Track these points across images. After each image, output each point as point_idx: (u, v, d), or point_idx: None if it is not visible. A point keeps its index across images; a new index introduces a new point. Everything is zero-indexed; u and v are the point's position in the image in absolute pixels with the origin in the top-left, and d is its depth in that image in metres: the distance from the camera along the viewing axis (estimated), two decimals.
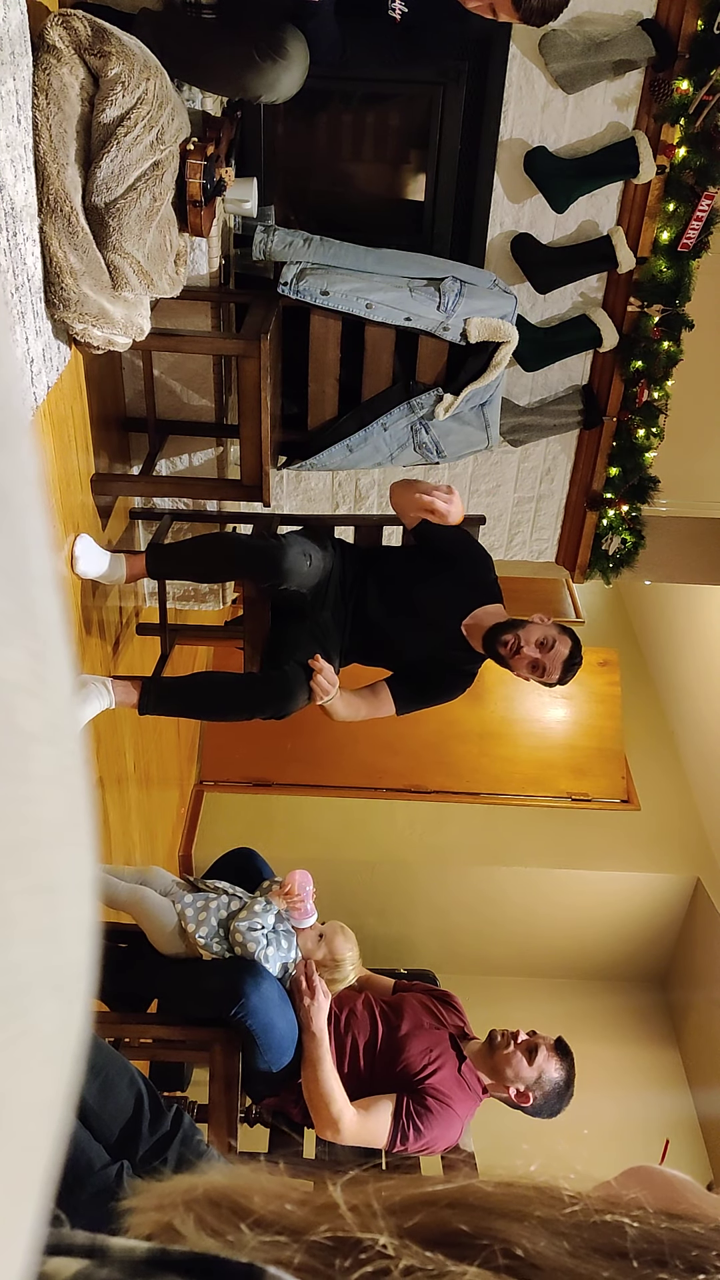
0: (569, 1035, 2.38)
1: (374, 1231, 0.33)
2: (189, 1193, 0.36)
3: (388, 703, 2.61)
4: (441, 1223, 0.34)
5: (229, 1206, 0.35)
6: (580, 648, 2.47)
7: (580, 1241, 0.34)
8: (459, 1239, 0.33)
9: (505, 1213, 0.35)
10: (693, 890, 4.85)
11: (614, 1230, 0.34)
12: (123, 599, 3.09)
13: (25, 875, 0.22)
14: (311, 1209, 0.35)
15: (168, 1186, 0.37)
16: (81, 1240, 0.32)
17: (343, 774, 4.79)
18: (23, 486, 0.23)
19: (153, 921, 2.26)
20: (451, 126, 3.08)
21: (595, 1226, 0.34)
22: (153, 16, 2.31)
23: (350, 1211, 0.34)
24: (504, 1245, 0.33)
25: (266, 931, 2.22)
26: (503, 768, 4.90)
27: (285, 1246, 0.33)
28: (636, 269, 3.20)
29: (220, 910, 2.26)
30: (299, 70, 2.25)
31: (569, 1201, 0.36)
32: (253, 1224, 0.34)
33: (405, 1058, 2.24)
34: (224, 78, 2.30)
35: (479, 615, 2.56)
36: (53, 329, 2.17)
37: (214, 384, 3.08)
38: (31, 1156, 0.23)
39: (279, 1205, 0.35)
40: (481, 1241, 0.33)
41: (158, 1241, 0.34)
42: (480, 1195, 0.36)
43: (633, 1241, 0.34)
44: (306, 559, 2.47)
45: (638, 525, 3.68)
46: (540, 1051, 2.28)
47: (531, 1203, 0.35)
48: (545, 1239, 0.33)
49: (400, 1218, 0.34)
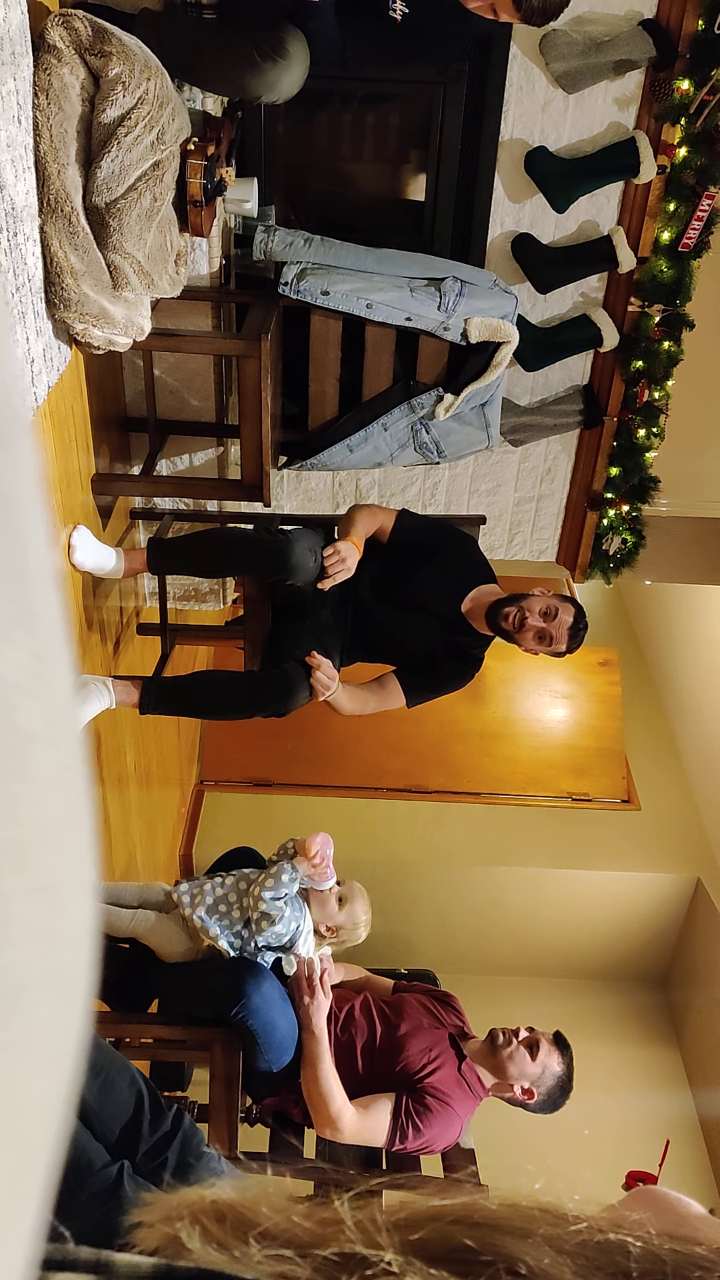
0: (569, 1035, 2.38)
1: (379, 1247, 0.33)
2: (195, 1205, 0.36)
3: (397, 694, 2.60)
4: (446, 1239, 0.34)
5: (235, 1220, 0.35)
6: (584, 614, 2.48)
7: (584, 1260, 0.34)
8: (463, 1255, 0.33)
9: (510, 1230, 0.35)
10: (693, 890, 4.85)
11: (617, 1249, 0.34)
12: (123, 599, 3.09)
13: (25, 875, 0.22)
14: (317, 1223, 0.35)
15: (174, 1199, 0.37)
16: (86, 1255, 0.32)
17: (344, 774, 4.79)
18: (23, 486, 0.23)
19: (157, 939, 2.26)
20: (452, 126, 3.08)
21: (599, 1245, 0.34)
22: (153, 16, 2.31)
23: (356, 1227, 0.34)
24: (508, 1262, 0.33)
25: (290, 898, 2.20)
26: (503, 768, 4.90)
27: (290, 1261, 0.33)
28: (637, 269, 3.20)
29: (216, 889, 2.25)
30: (299, 71, 2.25)
31: (573, 1220, 0.36)
32: (259, 1237, 0.34)
33: (405, 1057, 2.24)
34: (224, 78, 2.30)
35: (477, 596, 2.57)
36: (53, 329, 2.17)
37: (214, 384, 3.08)
38: (32, 1156, 0.23)
39: (285, 1219, 0.35)
40: (485, 1258, 0.33)
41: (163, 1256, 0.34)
42: (485, 1213, 0.36)
43: (636, 1261, 0.34)
44: (312, 554, 2.47)
45: (638, 525, 3.68)
46: (542, 1046, 2.29)
47: (536, 1220, 0.35)
48: (549, 1257, 0.33)
49: (405, 1233, 0.34)
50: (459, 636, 2.59)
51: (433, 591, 2.57)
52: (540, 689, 5.12)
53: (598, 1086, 3.41)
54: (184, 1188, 0.38)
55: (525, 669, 5.16)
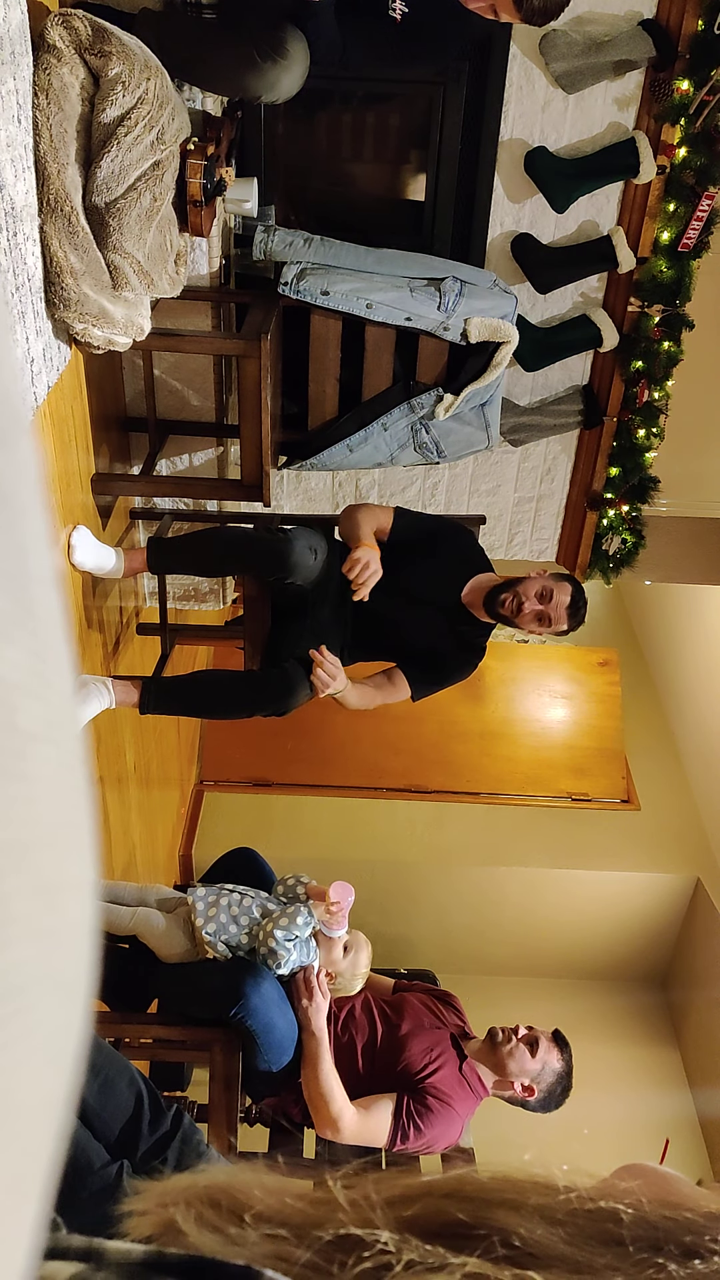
0: (569, 1034, 2.38)
1: (373, 1225, 0.33)
2: (189, 1190, 0.37)
3: (403, 687, 2.60)
4: (439, 1213, 0.34)
5: (229, 1203, 0.35)
6: (582, 591, 2.49)
7: (576, 1229, 0.34)
8: (457, 1230, 0.33)
9: (501, 1202, 0.35)
10: (693, 890, 4.85)
11: (609, 1217, 0.34)
12: (123, 599, 3.09)
13: (25, 875, 0.22)
14: (310, 1203, 0.35)
15: (168, 1185, 0.37)
16: (78, 1244, 0.32)
17: (343, 774, 4.79)
18: (23, 486, 0.23)
19: (157, 938, 2.26)
20: (452, 126, 3.08)
21: (591, 1214, 0.35)
22: (153, 16, 2.31)
23: (349, 1205, 0.34)
24: (502, 1235, 0.33)
25: (301, 941, 2.20)
26: (503, 767, 4.90)
27: (285, 1242, 0.33)
28: (637, 269, 3.20)
29: (231, 907, 2.25)
30: (299, 70, 2.25)
31: (564, 1190, 0.36)
32: (253, 1218, 0.34)
33: (406, 1057, 2.24)
34: (225, 78, 2.30)
35: (475, 585, 2.58)
36: (53, 329, 2.17)
37: (214, 384, 3.08)
38: (32, 1156, 0.23)
39: (278, 1200, 0.35)
40: (479, 1231, 0.33)
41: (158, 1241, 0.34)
42: (476, 1185, 0.36)
43: (628, 1228, 0.34)
44: (312, 553, 2.47)
45: (638, 525, 3.68)
46: (541, 1043, 2.29)
47: (527, 1192, 0.35)
48: (542, 1227, 0.33)
49: (398, 1209, 0.34)
50: (460, 626, 2.59)
51: (431, 584, 2.57)
52: (540, 689, 5.12)
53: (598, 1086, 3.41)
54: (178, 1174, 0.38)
55: (525, 669, 5.16)
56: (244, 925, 2.22)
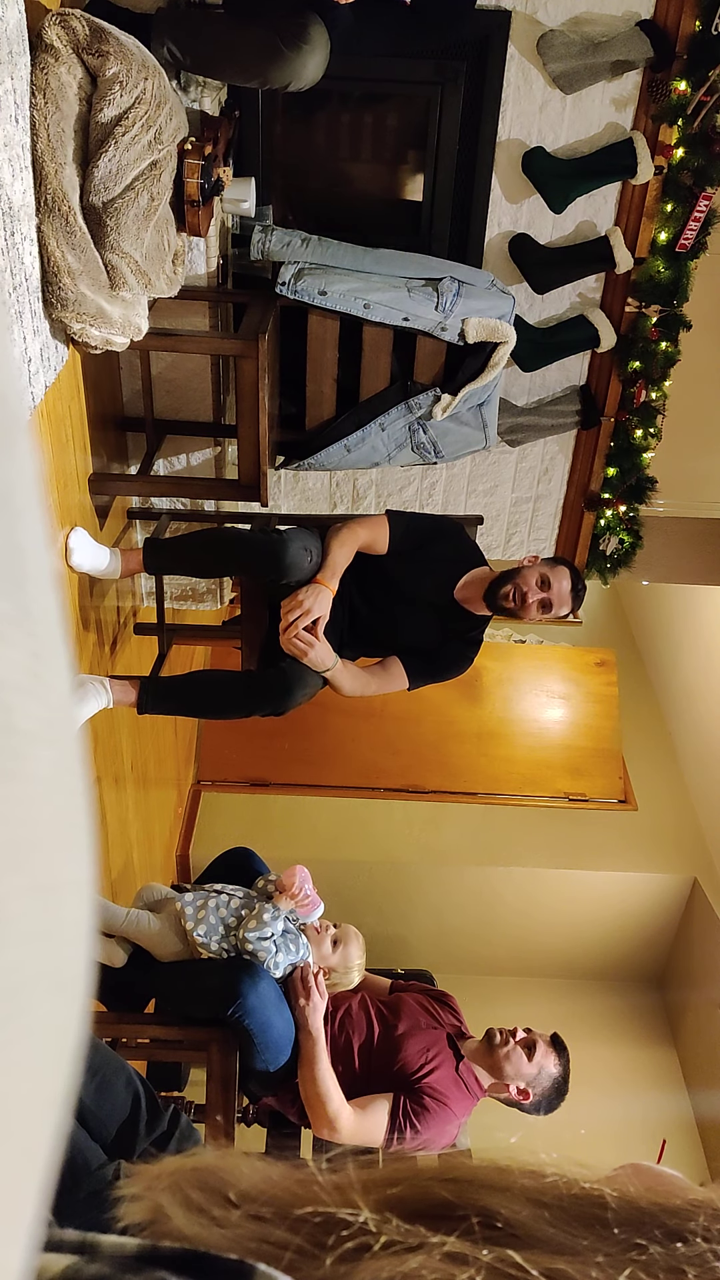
0: (566, 1035, 2.38)
1: (355, 1205, 0.33)
2: (176, 1173, 0.37)
3: (400, 677, 2.61)
4: (423, 1194, 0.34)
5: (214, 1185, 0.36)
6: (578, 572, 2.54)
7: (560, 1211, 0.34)
8: (439, 1210, 0.34)
9: (487, 1184, 0.35)
10: (689, 890, 4.86)
11: (595, 1201, 0.35)
12: (120, 599, 3.09)
13: (25, 875, 0.22)
14: (294, 1183, 0.35)
15: (157, 1168, 0.38)
16: (72, 1237, 0.32)
17: (340, 774, 4.79)
18: (21, 486, 0.23)
19: (151, 938, 2.26)
20: (449, 126, 3.08)
21: (576, 1197, 0.35)
22: (171, 15, 2.32)
23: (332, 1186, 0.35)
24: (484, 1215, 0.33)
25: (276, 938, 2.21)
26: (500, 768, 4.90)
27: (268, 1223, 0.33)
28: (634, 269, 3.21)
29: (220, 908, 2.25)
30: (321, 56, 2.29)
31: (550, 1174, 0.36)
32: (238, 1196, 0.34)
33: (402, 1057, 2.24)
34: (250, 69, 2.32)
35: (469, 580, 2.59)
36: (50, 329, 2.17)
37: (212, 384, 3.08)
38: (30, 1156, 0.23)
39: (263, 1179, 0.36)
40: (461, 1212, 0.33)
41: (150, 1231, 0.34)
42: (463, 1168, 0.36)
43: (613, 1211, 0.34)
44: (307, 554, 2.47)
45: (635, 525, 3.69)
46: (539, 1047, 2.29)
47: (513, 1175, 0.36)
48: (527, 1209, 0.34)
49: (381, 1190, 0.35)
50: (456, 623, 2.60)
51: (425, 582, 2.58)
52: (537, 689, 5.12)
53: (594, 1086, 3.42)
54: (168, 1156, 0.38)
55: (522, 669, 5.17)
56: (231, 926, 2.23)
